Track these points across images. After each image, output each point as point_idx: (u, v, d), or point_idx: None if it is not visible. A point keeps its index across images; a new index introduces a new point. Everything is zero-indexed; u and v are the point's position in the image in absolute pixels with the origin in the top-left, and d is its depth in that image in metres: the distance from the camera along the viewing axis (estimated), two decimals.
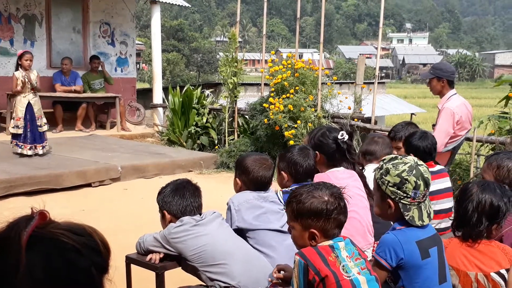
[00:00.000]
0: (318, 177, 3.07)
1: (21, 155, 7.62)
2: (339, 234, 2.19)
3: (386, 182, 2.36)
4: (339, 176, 3.08)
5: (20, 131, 7.60)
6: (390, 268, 2.31)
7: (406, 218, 2.34)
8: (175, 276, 3.14)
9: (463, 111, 5.07)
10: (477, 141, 6.49)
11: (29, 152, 7.63)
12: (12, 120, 7.79)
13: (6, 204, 6.16)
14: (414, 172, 2.34)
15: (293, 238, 2.26)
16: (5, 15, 10.59)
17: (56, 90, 10.52)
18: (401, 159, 2.41)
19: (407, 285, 2.33)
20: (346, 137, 3.18)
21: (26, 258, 1.04)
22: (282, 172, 3.24)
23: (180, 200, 2.96)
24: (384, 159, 2.46)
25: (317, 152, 3.22)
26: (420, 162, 2.42)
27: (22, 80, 7.58)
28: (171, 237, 2.89)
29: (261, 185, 3.15)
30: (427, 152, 3.72)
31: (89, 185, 7.13)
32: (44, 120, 7.88)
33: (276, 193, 3.23)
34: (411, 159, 2.42)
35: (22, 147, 7.62)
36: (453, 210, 3.31)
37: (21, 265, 1.03)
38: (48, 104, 9.86)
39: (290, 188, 3.35)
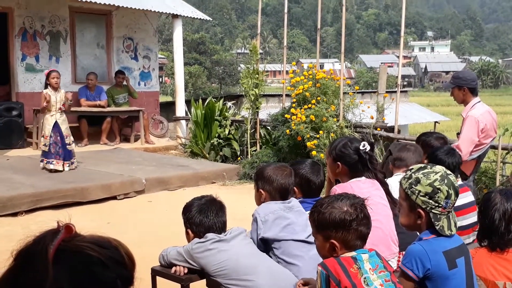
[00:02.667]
0: (340, 187, 3.05)
1: (52, 170, 7.73)
2: (363, 246, 2.17)
3: (417, 191, 2.32)
4: (361, 186, 3.07)
5: (47, 148, 7.72)
6: (417, 279, 2.28)
7: (437, 227, 2.31)
8: None
9: (488, 119, 5.00)
10: (503, 149, 6.40)
11: (61, 168, 7.75)
12: (42, 137, 7.94)
13: (34, 217, 6.26)
14: (446, 181, 2.31)
15: (317, 249, 2.26)
16: (30, 32, 10.81)
17: (81, 105, 10.68)
18: (431, 168, 2.37)
19: None
20: (368, 147, 3.16)
21: (53, 271, 1.05)
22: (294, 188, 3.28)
23: (204, 220, 2.99)
24: (412, 168, 2.42)
25: (339, 163, 3.19)
26: (449, 172, 2.39)
27: (53, 99, 7.72)
28: (194, 252, 2.91)
29: (286, 193, 3.16)
30: (451, 169, 3.66)
31: (114, 197, 7.19)
32: (72, 138, 8.01)
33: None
34: (441, 168, 2.38)
35: (54, 163, 7.73)
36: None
37: (49, 279, 1.04)
38: (73, 118, 10.01)
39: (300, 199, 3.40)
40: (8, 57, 10.83)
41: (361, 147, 3.14)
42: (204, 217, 2.99)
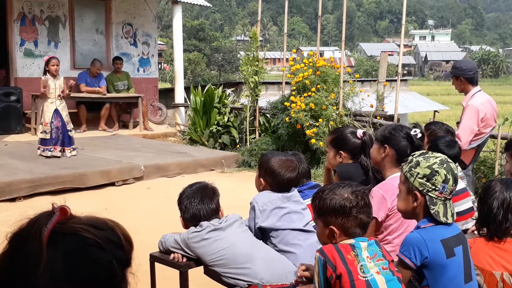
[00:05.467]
0: (383, 188, 2.91)
1: (49, 157, 7.72)
2: (363, 234, 2.17)
3: (415, 174, 2.34)
4: None
5: (48, 136, 7.70)
6: (415, 267, 2.28)
7: (432, 211, 2.31)
8: (199, 275, 3.16)
9: (488, 108, 5.00)
10: (502, 138, 6.39)
11: (60, 154, 7.74)
12: (40, 125, 7.90)
13: (31, 203, 6.25)
14: (445, 166, 2.33)
15: (317, 235, 2.29)
16: (29, 17, 10.75)
17: (81, 91, 10.64)
18: (432, 153, 2.40)
19: (432, 284, 2.30)
20: (419, 134, 3.02)
21: (47, 254, 1.04)
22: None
23: (188, 207, 2.98)
24: (414, 154, 2.44)
25: (386, 146, 3.01)
26: (450, 160, 2.40)
27: (52, 86, 7.67)
28: (190, 242, 2.92)
29: (287, 187, 3.14)
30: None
31: (112, 184, 7.19)
32: (72, 125, 8.00)
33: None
34: (442, 155, 2.41)
35: (52, 150, 7.72)
36: (475, 209, 3.27)
37: (42, 261, 1.03)
38: (72, 104, 9.99)
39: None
40: (7, 42, 10.78)
41: (412, 133, 3.02)
42: (188, 203, 2.98)
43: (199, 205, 2.97)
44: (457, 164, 3.84)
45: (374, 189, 2.92)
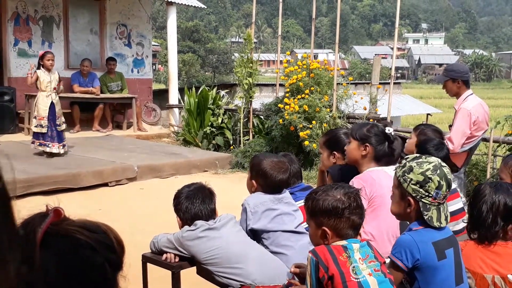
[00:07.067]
0: (363, 178, 2.99)
1: (48, 154, 7.68)
2: (355, 236, 2.18)
3: (409, 179, 2.34)
4: (380, 176, 3.00)
5: (44, 130, 7.66)
6: (406, 269, 2.29)
7: (425, 217, 2.32)
8: (191, 276, 3.16)
9: (480, 111, 5.03)
10: (494, 141, 6.43)
11: (57, 151, 7.70)
12: (34, 119, 7.85)
13: (24, 203, 6.22)
14: (438, 172, 2.33)
15: (310, 236, 2.29)
16: (23, 17, 10.72)
17: (74, 91, 10.61)
18: (425, 158, 2.40)
19: (423, 286, 2.31)
20: (393, 132, 3.13)
21: (40, 255, 1.05)
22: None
23: (189, 207, 2.98)
24: (408, 157, 2.44)
25: (367, 144, 3.08)
26: (444, 164, 2.40)
27: (47, 80, 7.64)
28: (184, 240, 2.92)
29: (278, 189, 3.15)
30: None
31: (105, 184, 7.18)
32: (63, 119, 7.97)
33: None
34: (435, 159, 2.40)
35: (50, 146, 7.68)
36: (466, 212, 3.28)
37: (36, 262, 1.04)
38: (65, 104, 9.95)
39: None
40: (1, 42, 10.74)
41: (386, 131, 3.11)
42: (189, 204, 2.98)
43: (201, 205, 2.98)
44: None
45: (353, 179, 2.98)
